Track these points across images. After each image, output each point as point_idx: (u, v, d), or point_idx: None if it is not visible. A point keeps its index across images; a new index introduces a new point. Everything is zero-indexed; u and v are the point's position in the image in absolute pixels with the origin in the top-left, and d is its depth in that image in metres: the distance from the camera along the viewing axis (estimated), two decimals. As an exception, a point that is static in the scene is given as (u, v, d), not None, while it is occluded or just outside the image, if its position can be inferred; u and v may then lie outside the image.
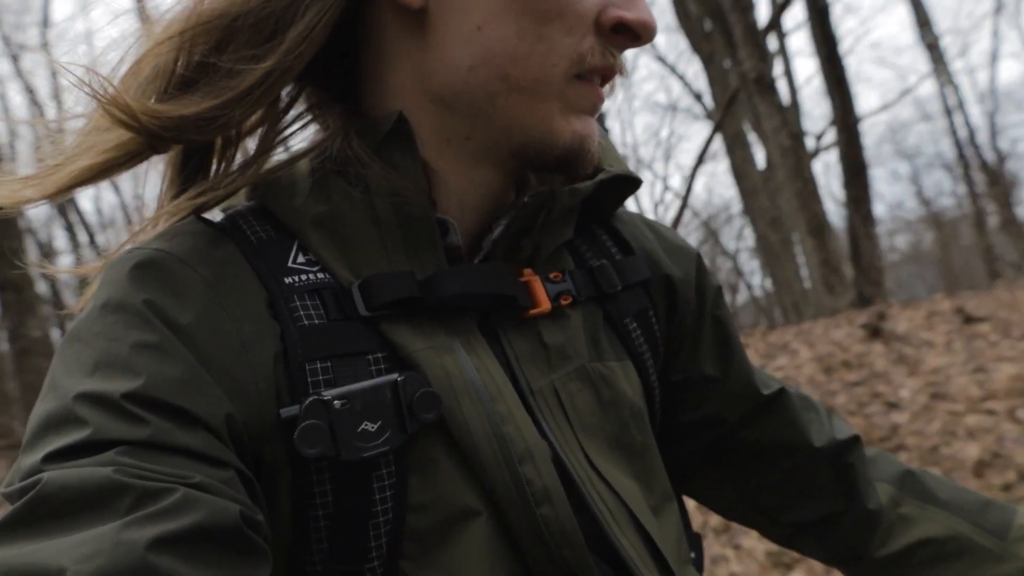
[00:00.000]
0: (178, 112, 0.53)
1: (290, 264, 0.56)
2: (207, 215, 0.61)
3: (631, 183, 0.69)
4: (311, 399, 0.50)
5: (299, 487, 0.51)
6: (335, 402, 0.50)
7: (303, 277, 0.55)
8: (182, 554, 0.40)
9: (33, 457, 0.44)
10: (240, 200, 0.63)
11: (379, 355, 0.54)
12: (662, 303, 0.74)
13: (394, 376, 0.53)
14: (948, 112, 15.91)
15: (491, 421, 0.54)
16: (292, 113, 0.64)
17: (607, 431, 0.62)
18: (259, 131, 0.62)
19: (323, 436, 0.49)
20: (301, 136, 0.65)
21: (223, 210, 0.63)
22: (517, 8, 0.55)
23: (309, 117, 0.65)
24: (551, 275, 0.64)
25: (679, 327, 0.75)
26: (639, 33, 0.58)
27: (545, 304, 0.61)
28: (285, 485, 0.51)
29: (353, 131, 0.59)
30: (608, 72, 0.59)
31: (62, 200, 0.57)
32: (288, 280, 0.55)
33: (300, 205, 0.58)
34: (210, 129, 0.54)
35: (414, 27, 0.58)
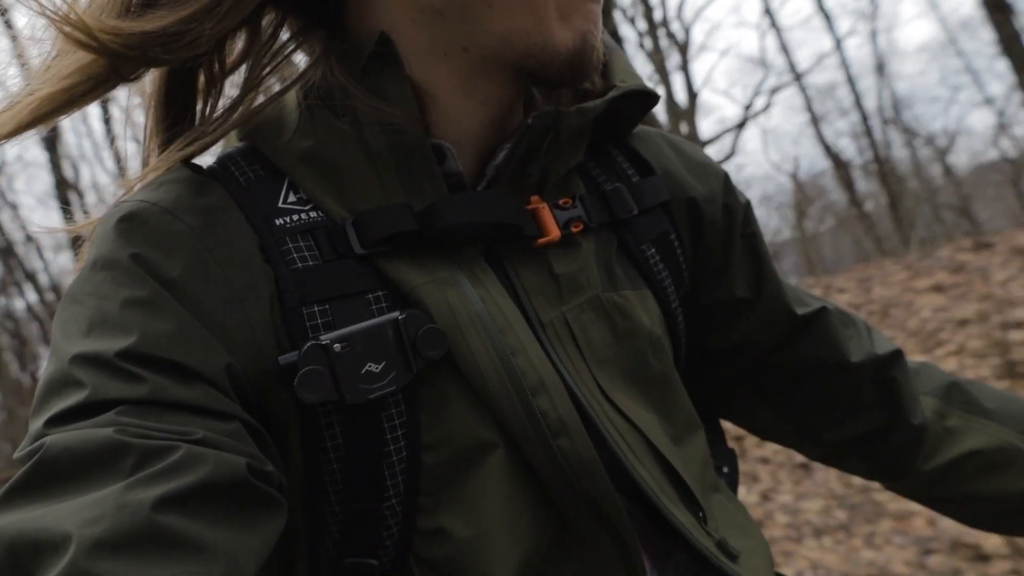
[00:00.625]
0: (140, 27, 0.49)
1: (280, 204, 0.54)
2: (198, 160, 0.58)
3: (648, 98, 0.64)
4: (309, 344, 0.48)
5: (309, 432, 0.51)
6: (335, 345, 0.48)
7: (294, 217, 0.53)
8: (189, 512, 0.39)
9: (38, 422, 0.43)
10: (233, 142, 0.60)
11: (379, 293, 0.52)
12: (685, 226, 0.69)
13: (395, 314, 0.51)
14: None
15: (500, 354, 0.52)
16: (276, 44, 0.60)
17: (622, 363, 0.60)
18: (242, 68, 0.59)
19: (324, 381, 0.48)
20: (289, 70, 0.61)
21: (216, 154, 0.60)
22: None
23: (293, 47, 0.61)
24: (560, 201, 0.60)
25: (706, 249, 0.71)
26: None
27: (554, 232, 0.58)
28: (295, 431, 0.51)
29: (335, 56, 0.55)
30: None
31: (25, 136, 0.53)
32: (279, 221, 0.53)
33: (287, 141, 0.55)
34: (177, 47, 0.50)
35: None
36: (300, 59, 0.63)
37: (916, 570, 2.81)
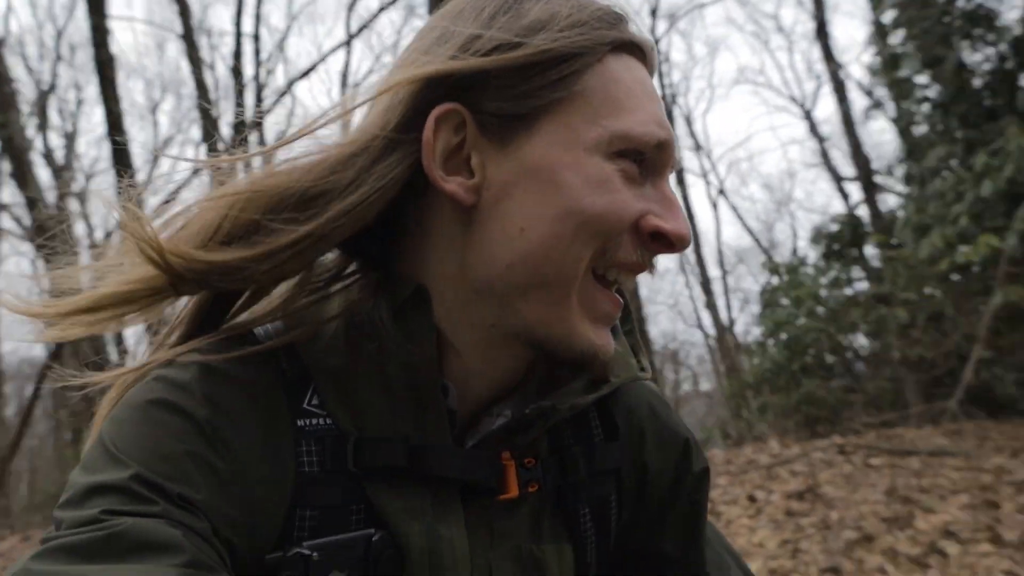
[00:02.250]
0: (207, 258, 0.58)
1: (305, 405, 0.62)
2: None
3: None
4: (294, 551, 0.56)
5: None
6: (313, 554, 0.56)
7: (313, 422, 0.62)
8: None
9: (87, 511, 0.50)
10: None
11: (361, 507, 0.61)
12: (631, 489, 0.77)
13: (370, 532, 0.59)
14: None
15: None
16: (326, 278, 0.70)
17: None
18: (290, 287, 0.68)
19: None
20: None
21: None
22: (563, 215, 0.60)
23: (344, 284, 0.70)
24: (526, 460, 0.68)
25: (645, 508, 0.78)
26: (674, 243, 0.62)
27: (514, 491, 0.66)
28: None
29: (381, 294, 0.65)
30: (637, 268, 0.64)
31: (73, 327, 0.61)
32: (300, 423, 0.61)
33: (321, 352, 0.64)
34: (234, 279, 0.59)
35: (463, 221, 0.63)
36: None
37: None
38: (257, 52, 15.28)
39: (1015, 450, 5.06)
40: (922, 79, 8.34)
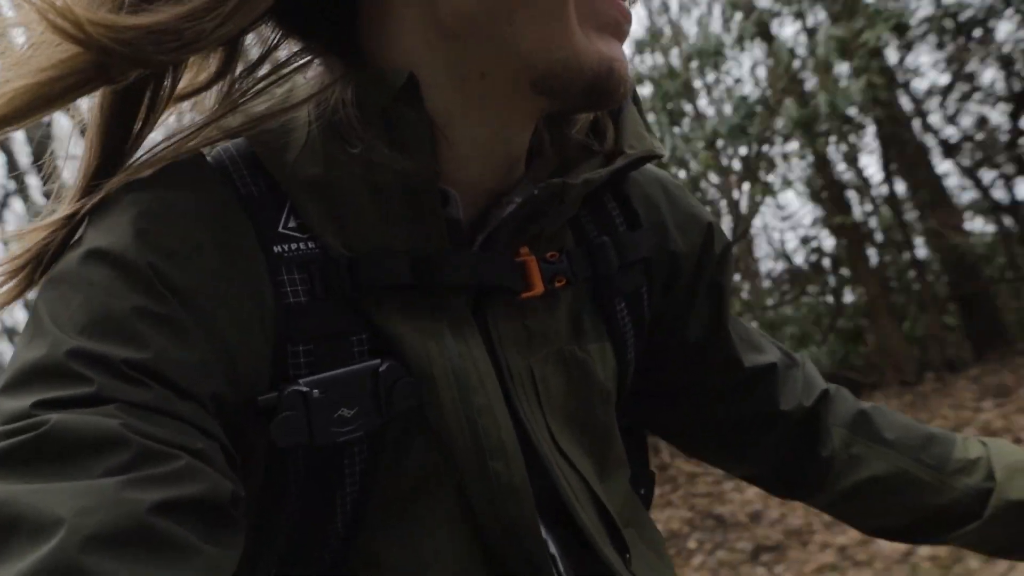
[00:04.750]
0: (134, 22, 0.45)
1: (280, 229, 0.53)
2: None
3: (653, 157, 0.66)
4: (290, 390, 0.49)
5: (273, 461, 0.52)
6: (313, 391, 0.50)
7: (292, 247, 0.53)
8: (185, 521, 0.39)
9: (19, 402, 0.42)
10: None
11: (363, 336, 0.53)
12: (660, 278, 0.73)
13: (376, 362, 0.52)
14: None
15: (467, 412, 0.54)
16: (266, 65, 0.59)
17: (571, 411, 0.63)
18: (220, 84, 0.57)
19: (299, 425, 0.49)
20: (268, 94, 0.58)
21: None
22: None
23: (289, 69, 0.59)
24: (548, 255, 0.62)
25: (672, 298, 0.74)
26: None
27: (539, 287, 0.60)
28: (261, 457, 0.52)
29: (354, 85, 0.54)
30: None
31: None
32: (277, 249, 0.52)
33: (293, 163, 0.54)
34: (171, 46, 0.47)
35: None
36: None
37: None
38: None
39: None
40: None
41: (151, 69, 0.51)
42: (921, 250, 7.22)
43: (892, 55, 5.89)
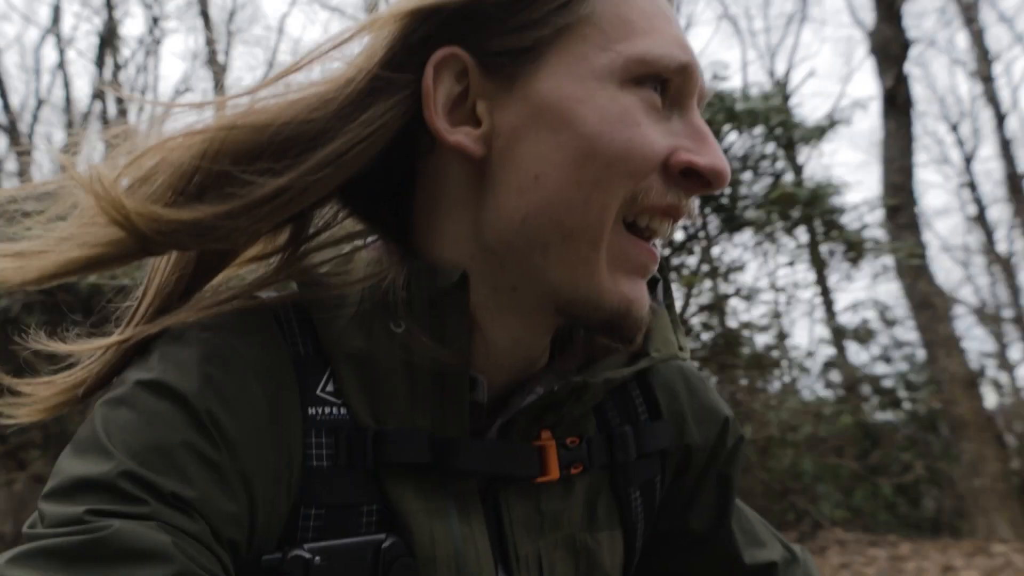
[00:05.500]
0: (176, 216, 0.52)
1: (318, 392, 0.57)
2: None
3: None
4: (293, 554, 0.52)
5: None
6: (315, 558, 0.52)
7: (325, 411, 0.57)
8: None
9: (70, 508, 0.46)
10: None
11: (373, 507, 0.56)
12: (672, 470, 0.73)
13: (380, 537, 0.54)
14: None
15: None
16: (328, 236, 0.65)
17: None
18: (283, 251, 0.63)
19: None
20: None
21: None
22: (579, 156, 0.54)
23: (348, 247, 0.65)
24: (568, 440, 0.63)
25: (680, 486, 0.74)
26: (710, 180, 0.56)
27: (554, 473, 0.61)
28: None
29: (408, 272, 0.58)
30: (672, 211, 0.58)
31: (42, 287, 0.57)
32: (311, 411, 0.56)
33: (340, 333, 0.58)
34: (208, 238, 0.53)
35: (474, 176, 0.58)
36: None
37: None
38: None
39: None
40: None
41: (186, 251, 0.58)
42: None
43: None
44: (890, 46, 7.07)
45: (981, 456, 6.18)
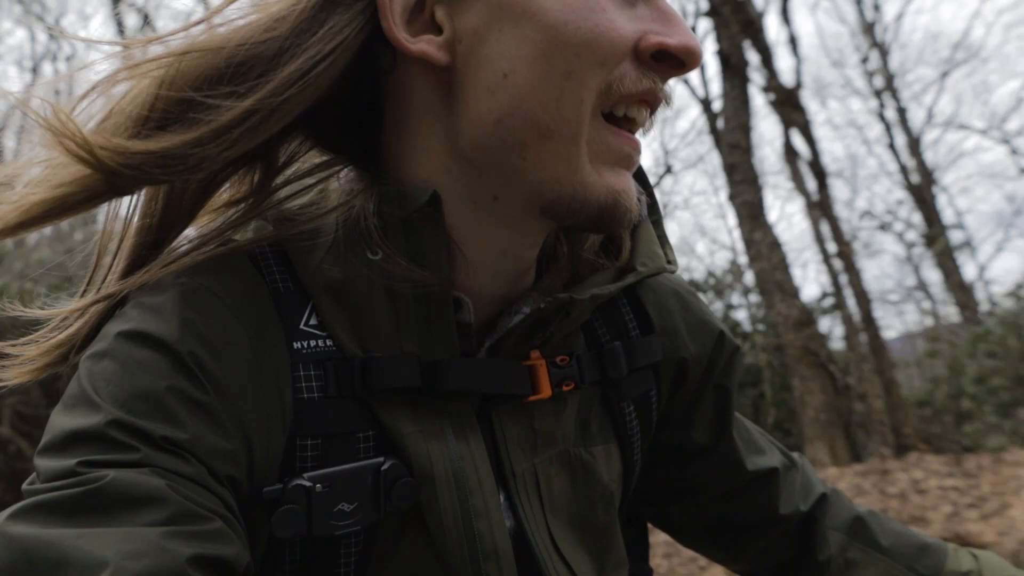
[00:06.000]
0: (143, 147, 0.50)
1: (302, 326, 0.56)
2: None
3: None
4: (294, 483, 0.52)
5: (272, 546, 0.55)
6: (316, 486, 0.52)
7: (311, 344, 0.56)
8: (211, 575, 0.43)
9: (63, 461, 0.45)
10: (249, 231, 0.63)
11: (369, 433, 0.56)
12: (668, 382, 0.74)
13: (379, 460, 0.55)
14: None
15: (464, 515, 0.56)
16: (295, 169, 0.64)
17: (574, 512, 0.64)
18: (250, 192, 0.62)
19: (298, 518, 0.52)
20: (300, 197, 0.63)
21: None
22: (545, 47, 0.52)
23: (316, 178, 0.64)
24: (558, 359, 0.63)
25: (679, 399, 0.75)
26: (683, 59, 0.55)
27: (546, 391, 0.62)
28: (262, 540, 0.54)
29: (378, 197, 0.58)
30: (649, 96, 0.56)
31: (14, 237, 0.54)
32: (297, 345, 0.56)
33: (317, 265, 0.57)
34: (178, 169, 0.51)
35: (441, 86, 0.56)
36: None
37: None
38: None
39: None
40: None
41: (155, 185, 0.56)
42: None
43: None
44: (724, 8, 7.51)
45: (808, 390, 6.87)
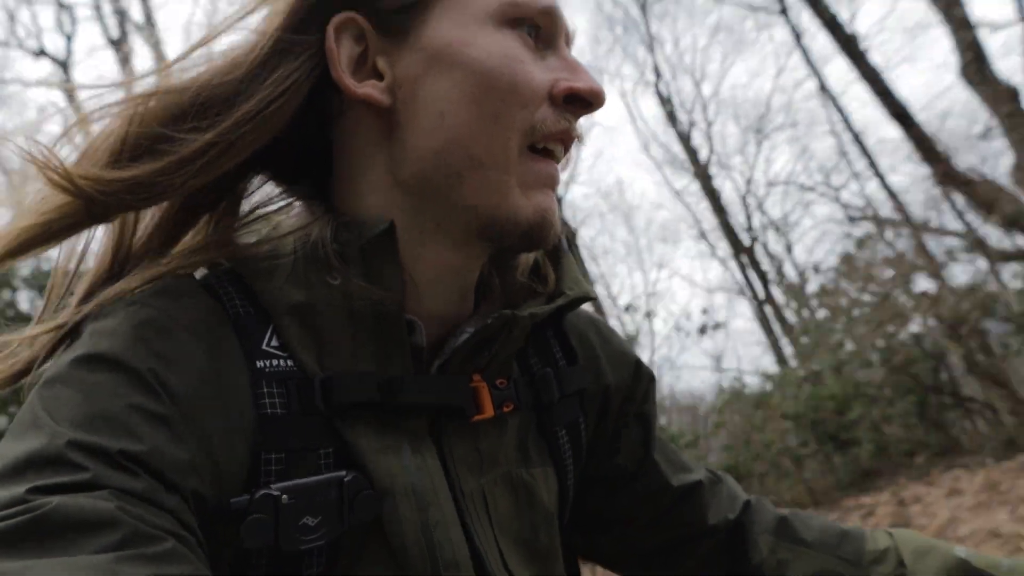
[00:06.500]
0: (117, 176, 0.56)
1: (264, 347, 0.59)
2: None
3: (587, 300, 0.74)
4: (261, 493, 0.53)
5: (238, 562, 0.54)
6: (283, 496, 0.53)
7: (273, 363, 0.58)
8: None
9: (13, 490, 0.44)
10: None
11: (329, 450, 0.58)
12: (593, 411, 0.79)
13: (341, 474, 0.56)
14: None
15: (424, 527, 0.58)
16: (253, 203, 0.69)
17: (519, 533, 0.67)
18: (215, 219, 0.66)
19: (266, 529, 0.52)
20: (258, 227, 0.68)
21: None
22: (475, 92, 0.60)
23: (271, 209, 0.69)
24: (497, 381, 0.67)
25: (602, 429, 0.80)
26: (590, 100, 0.64)
27: (489, 411, 0.65)
28: (226, 559, 0.54)
29: (336, 225, 0.62)
30: (565, 136, 0.65)
31: (8, 262, 0.59)
32: (260, 364, 0.58)
33: (279, 289, 0.60)
34: (147, 195, 0.57)
35: (385, 126, 0.63)
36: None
37: None
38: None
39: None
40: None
41: (128, 212, 0.61)
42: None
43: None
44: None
45: None
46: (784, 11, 12.17)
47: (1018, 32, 7.64)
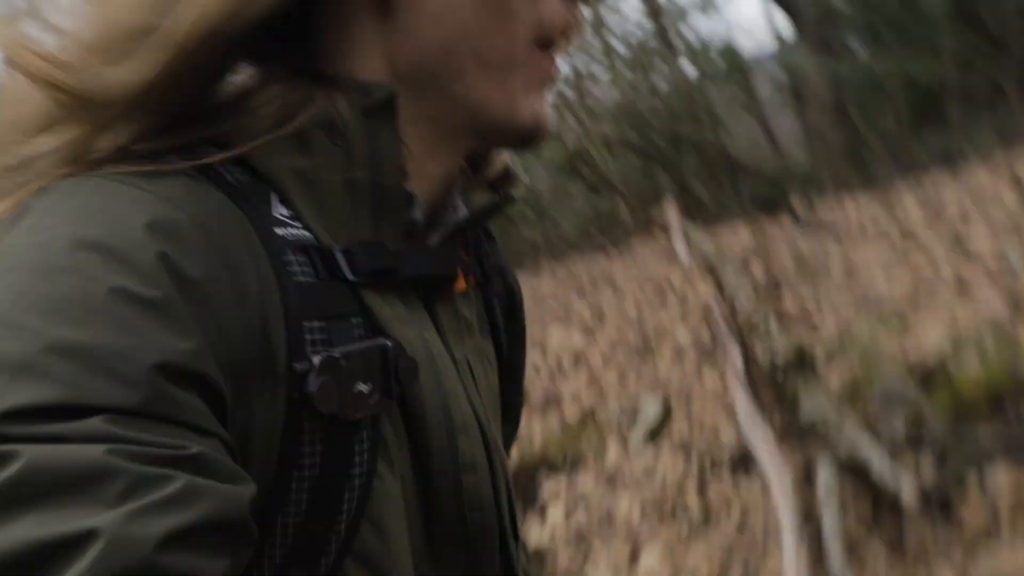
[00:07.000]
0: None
1: (275, 214, 0.53)
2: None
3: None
4: (325, 356, 0.49)
5: (287, 450, 0.49)
6: (342, 360, 0.50)
7: (290, 231, 0.53)
8: (188, 550, 0.36)
9: None
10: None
11: (359, 319, 0.55)
12: (504, 309, 0.80)
13: (384, 341, 0.54)
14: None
15: (441, 393, 0.58)
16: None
17: (489, 401, 0.69)
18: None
19: (333, 395, 0.49)
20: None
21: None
22: None
23: (249, 99, 0.59)
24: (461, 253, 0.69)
25: (512, 327, 0.82)
26: None
27: (462, 283, 0.66)
28: (274, 447, 0.48)
29: (339, 93, 0.57)
30: (568, 27, 0.64)
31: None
32: (280, 231, 0.53)
33: (278, 151, 0.55)
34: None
35: (381, 10, 0.58)
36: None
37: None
38: None
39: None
40: None
41: None
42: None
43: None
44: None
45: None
46: None
47: None
